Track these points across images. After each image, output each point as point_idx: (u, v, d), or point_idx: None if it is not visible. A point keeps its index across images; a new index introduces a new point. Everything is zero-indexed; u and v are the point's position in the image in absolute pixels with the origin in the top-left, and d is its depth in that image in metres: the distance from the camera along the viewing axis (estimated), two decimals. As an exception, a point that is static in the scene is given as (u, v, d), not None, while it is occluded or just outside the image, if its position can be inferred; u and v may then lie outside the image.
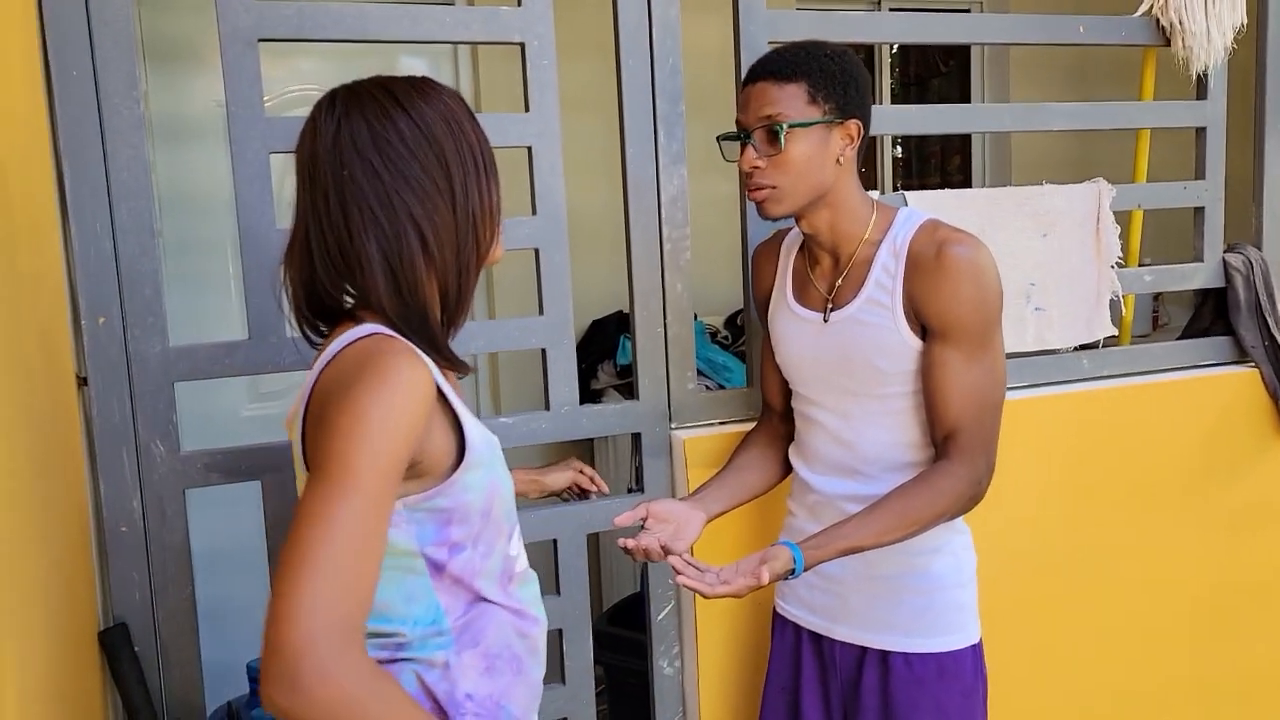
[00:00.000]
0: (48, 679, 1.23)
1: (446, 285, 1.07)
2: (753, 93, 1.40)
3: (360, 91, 1.07)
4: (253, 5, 1.51)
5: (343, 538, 0.87)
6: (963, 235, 1.39)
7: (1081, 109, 2.05)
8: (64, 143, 1.45)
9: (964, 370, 1.38)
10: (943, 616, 1.48)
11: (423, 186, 1.03)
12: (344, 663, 0.84)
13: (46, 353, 1.36)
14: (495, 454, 1.12)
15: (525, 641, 1.16)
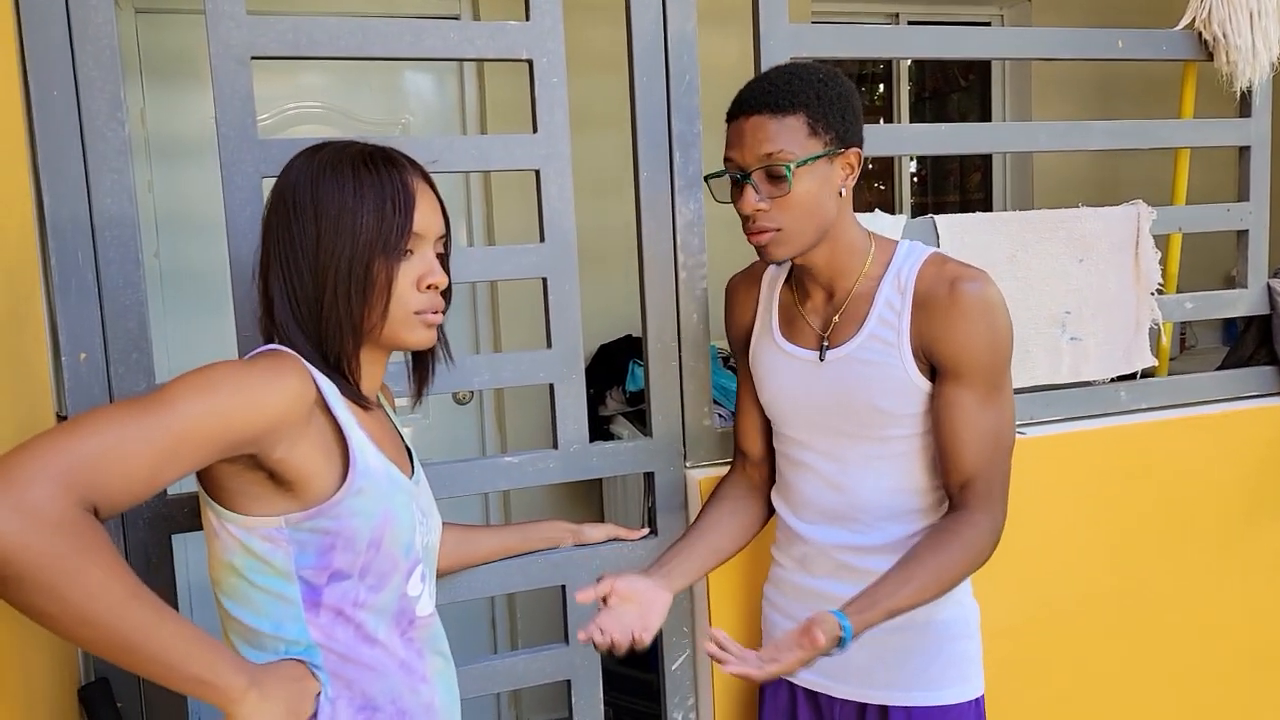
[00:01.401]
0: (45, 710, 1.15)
1: (319, 336, 1.09)
2: (747, 128, 1.27)
3: (304, 153, 1.13)
4: (245, 20, 1.42)
5: (117, 429, 0.88)
6: (974, 271, 1.31)
7: (1119, 127, 1.95)
8: (44, 167, 1.36)
9: (979, 413, 1.30)
10: (949, 669, 1.40)
11: (292, 251, 1.08)
12: (56, 500, 0.83)
13: (24, 391, 1.28)
14: (397, 489, 1.11)
15: (416, 697, 1.13)
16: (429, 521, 1.20)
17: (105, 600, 0.85)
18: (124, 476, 0.88)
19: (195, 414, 0.93)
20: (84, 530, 0.84)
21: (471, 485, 1.60)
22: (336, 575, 1.06)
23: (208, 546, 1.08)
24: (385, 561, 1.08)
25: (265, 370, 1.01)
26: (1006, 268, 1.86)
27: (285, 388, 1.00)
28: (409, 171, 1.13)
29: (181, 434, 0.92)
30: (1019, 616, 1.89)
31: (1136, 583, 1.95)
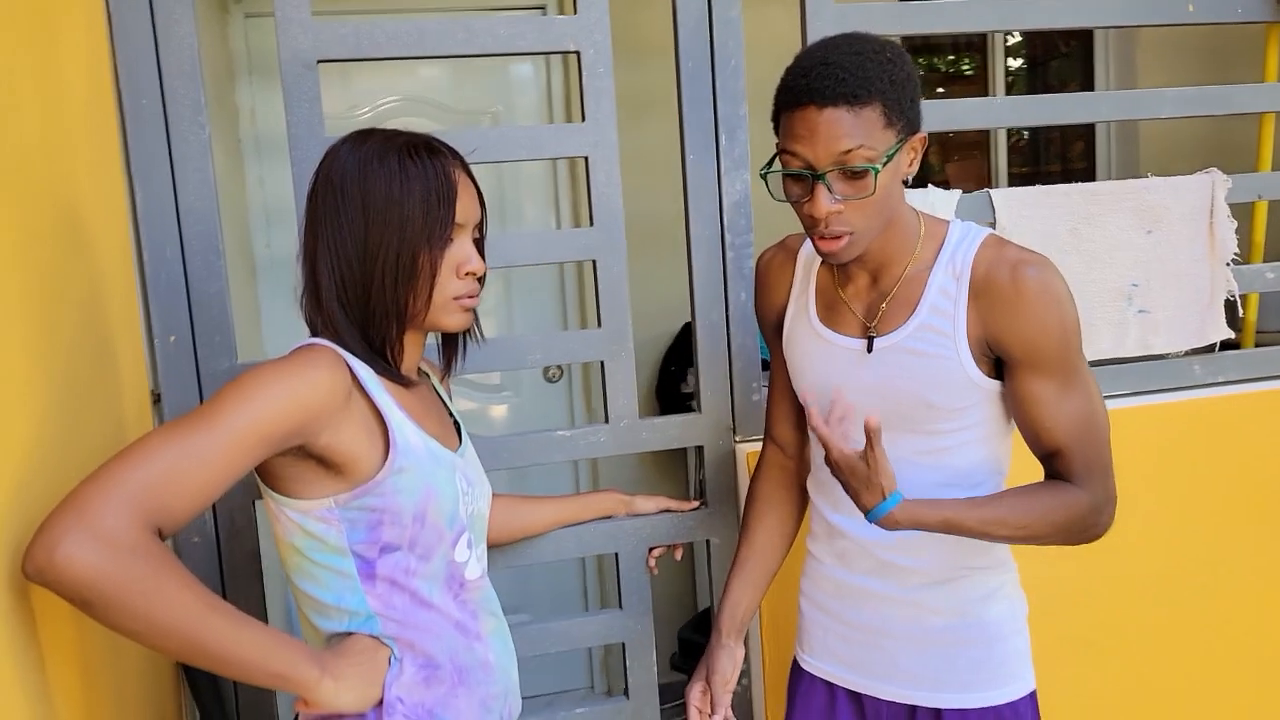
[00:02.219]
0: (133, 687, 1.30)
1: (362, 325, 1.15)
2: (819, 121, 1.12)
3: (353, 142, 1.18)
4: (310, 26, 1.53)
5: (172, 452, 0.96)
6: (1034, 255, 1.23)
7: (1194, 94, 1.88)
8: (135, 168, 1.51)
9: (1062, 400, 1.23)
10: (1002, 667, 1.33)
11: (340, 240, 1.14)
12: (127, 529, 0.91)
13: (124, 371, 1.43)
14: (439, 464, 1.17)
15: (472, 655, 1.20)
16: (474, 491, 1.25)
17: (183, 615, 0.94)
18: (184, 496, 0.97)
19: (241, 425, 1.00)
20: (155, 553, 0.93)
21: (528, 457, 1.70)
22: (387, 548, 1.13)
23: (272, 530, 1.17)
24: (431, 533, 1.15)
25: (299, 367, 1.07)
26: (1069, 241, 1.84)
27: (319, 380, 1.07)
28: (450, 162, 1.18)
29: (230, 447, 0.99)
30: (1081, 594, 1.87)
31: (1206, 563, 1.90)
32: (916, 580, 1.33)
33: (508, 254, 1.65)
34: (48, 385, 1.05)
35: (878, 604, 1.35)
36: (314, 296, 1.17)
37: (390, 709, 1.11)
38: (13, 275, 1.00)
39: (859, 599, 1.37)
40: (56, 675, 1.01)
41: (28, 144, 1.09)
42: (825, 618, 1.42)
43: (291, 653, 1.03)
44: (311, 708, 1.07)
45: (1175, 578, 1.90)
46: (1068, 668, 1.88)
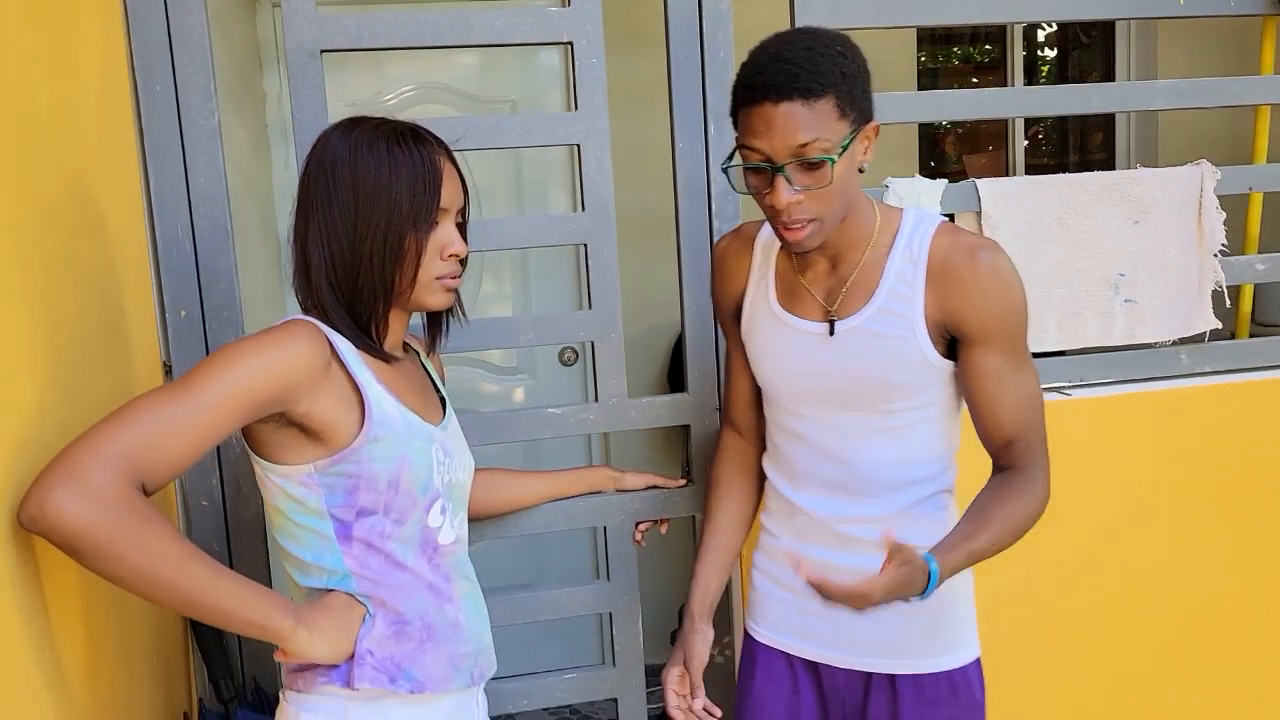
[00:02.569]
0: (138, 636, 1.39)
1: (349, 303, 1.23)
2: (776, 115, 1.18)
3: (343, 129, 1.24)
4: (315, 17, 1.61)
5: (157, 415, 1.04)
6: (987, 240, 1.32)
7: (1186, 86, 1.91)
8: (149, 153, 1.60)
9: (1013, 377, 1.30)
10: (952, 634, 1.41)
11: (331, 222, 1.20)
12: (112, 485, 0.98)
13: (136, 342, 1.52)
14: (414, 434, 1.23)
15: (442, 615, 1.26)
16: (452, 462, 1.31)
17: (166, 563, 1.01)
18: (167, 455, 1.04)
19: (221, 391, 1.08)
20: (139, 507, 1.00)
21: (520, 433, 1.77)
22: (363, 512, 1.20)
23: (261, 494, 1.25)
24: (405, 498, 1.21)
25: (278, 339, 1.14)
26: (1056, 230, 1.87)
27: (297, 352, 1.13)
28: (435, 149, 1.25)
29: (210, 410, 1.07)
30: (1066, 580, 1.91)
31: (1191, 550, 1.93)
32: (874, 551, 1.34)
33: (502, 237, 1.73)
34: (53, 353, 1.14)
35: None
36: (304, 276, 1.24)
37: (360, 660, 1.19)
38: (22, 251, 1.09)
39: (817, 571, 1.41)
40: (60, 621, 1.10)
41: (39, 126, 1.18)
42: (781, 591, 1.48)
43: (268, 603, 1.11)
44: (289, 657, 1.15)
45: (1160, 564, 1.93)
46: (1052, 653, 1.92)
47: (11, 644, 0.96)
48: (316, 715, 1.20)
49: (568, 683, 1.83)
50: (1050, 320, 1.88)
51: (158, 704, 1.47)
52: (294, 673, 1.22)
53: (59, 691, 1.06)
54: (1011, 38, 3.45)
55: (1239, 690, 1.99)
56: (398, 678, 1.21)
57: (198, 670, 1.69)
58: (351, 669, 1.19)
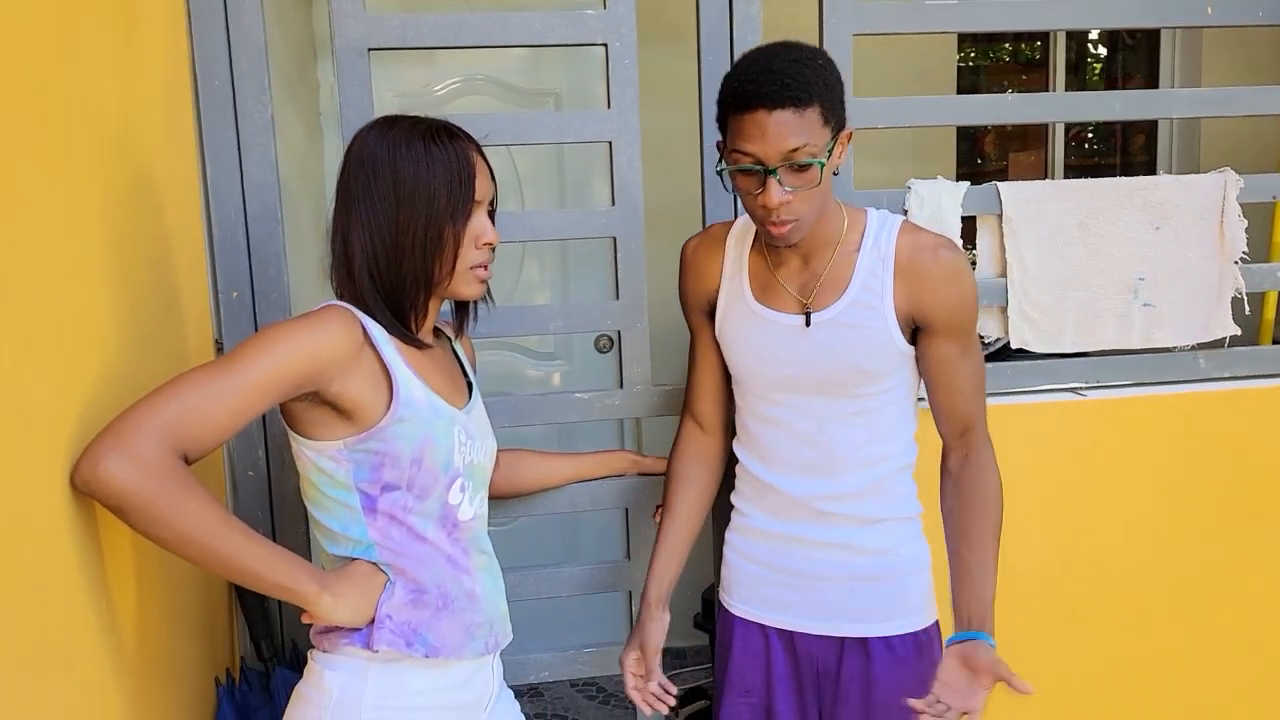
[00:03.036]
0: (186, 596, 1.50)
1: (388, 294, 1.31)
2: (769, 123, 1.29)
3: (380, 127, 1.33)
4: (363, 17, 1.70)
5: (200, 390, 1.13)
6: (945, 239, 1.46)
7: (1204, 95, 1.93)
8: (207, 143, 1.70)
9: (964, 362, 1.47)
10: (916, 599, 1.54)
11: (373, 216, 1.29)
12: (156, 453, 1.07)
13: (191, 320, 1.63)
14: (438, 416, 1.31)
15: (459, 585, 1.34)
16: (474, 444, 1.39)
17: (203, 527, 1.10)
18: (207, 428, 1.13)
19: (259, 369, 1.16)
20: (180, 474, 1.09)
21: (548, 416, 1.85)
22: (388, 487, 1.28)
23: (296, 466, 1.34)
24: (427, 476, 1.29)
25: (315, 323, 1.22)
26: (1076, 234, 1.90)
27: (331, 335, 1.22)
28: (467, 145, 1.34)
29: (250, 387, 1.15)
30: (1077, 580, 1.95)
31: (1204, 555, 1.95)
32: (847, 524, 1.51)
33: (535, 229, 1.81)
34: (117, 329, 1.25)
35: (809, 549, 1.52)
36: (345, 269, 1.32)
37: (380, 624, 1.28)
38: (96, 231, 1.19)
39: (790, 546, 1.55)
40: (114, 579, 1.20)
41: (108, 119, 1.28)
42: (756, 567, 1.59)
43: (295, 568, 1.20)
44: (314, 620, 1.25)
45: (1173, 567, 1.96)
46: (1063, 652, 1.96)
47: (72, 597, 1.07)
48: (339, 674, 1.29)
49: (588, 656, 1.92)
50: (1068, 322, 1.92)
51: (201, 660, 1.58)
52: (320, 634, 1.31)
53: (112, 643, 1.17)
54: (1054, 37, 3.46)
55: (1252, 694, 2.02)
56: (414, 642, 1.29)
57: (240, 630, 1.80)
58: (371, 632, 1.28)
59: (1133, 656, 1.98)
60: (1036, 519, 1.92)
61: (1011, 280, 1.90)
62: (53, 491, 1.03)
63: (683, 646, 3.37)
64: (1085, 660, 1.97)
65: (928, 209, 1.86)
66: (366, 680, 1.29)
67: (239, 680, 1.69)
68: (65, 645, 1.04)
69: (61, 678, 1.03)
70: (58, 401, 1.06)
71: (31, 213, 1.02)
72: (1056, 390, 1.95)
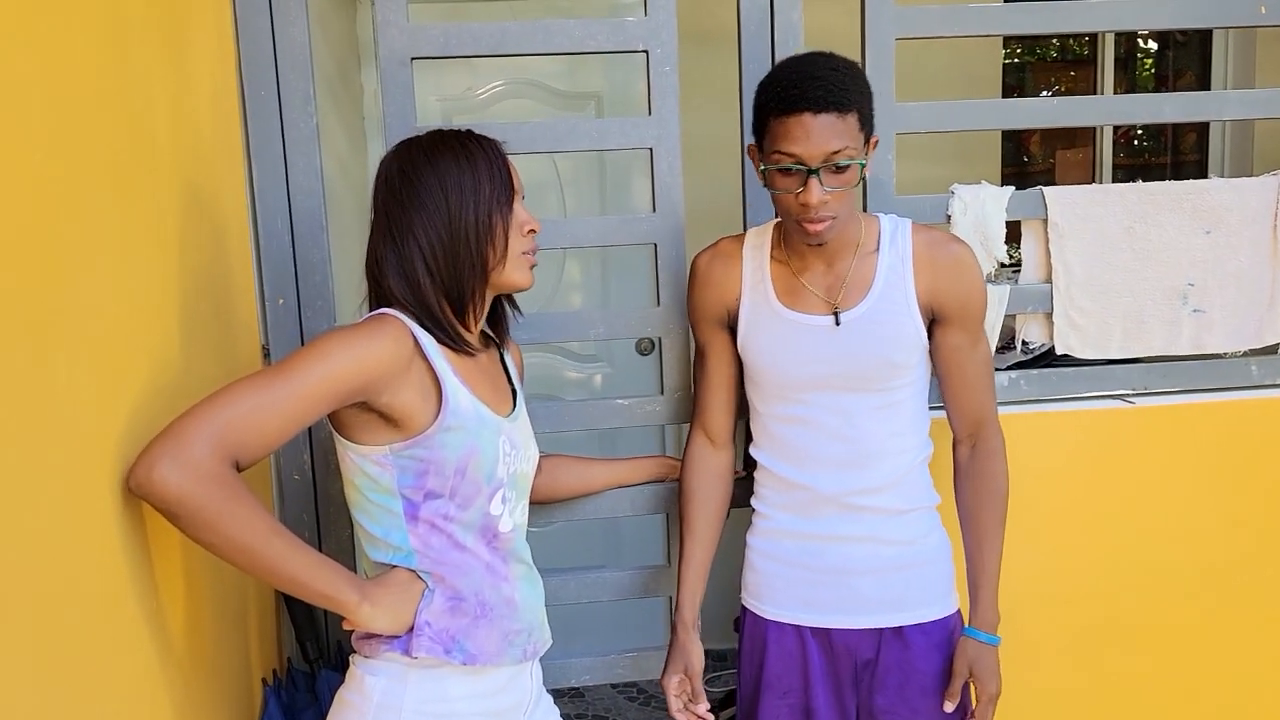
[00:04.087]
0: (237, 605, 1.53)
1: (449, 287, 1.34)
2: (814, 126, 1.36)
3: (407, 143, 1.38)
4: (406, 27, 1.72)
5: (253, 398, 1.15)
6: (953, 235, 1.61)
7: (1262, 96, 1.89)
8: (254, 152, 1.73)
9: (974, 351, 1.56)
10: (944, 586, 1.61)
11: (426, 215, 1.32)
12: (209, 460, 1.09)
13: (239, 327, 1.66)
14: (484, 426, 1.33)
15: (498, 593, 1.36)
16: (518, 453, 1.40)
17: (251, 534, 1.12)
18: (260, 435, 1.15)
19: (312, 380, 1.18)
20: (231, 481, 1.11)
21: (589, 422, 1.86)
22: (431, 494, 1.29)
23: (341, 469, 1.36)
24: (470, 485, 1.31)
25: (368, 334, 1.24)
26: (1123, 240, 1.87)
27: (383, 347, 1.24)
28: (495, 143, 1.39)
29: (302, 397, 1.17)
30: (1123, 589, 1.92)
31: (1249, 561, 1.92)
32: (876, 517, 1.55)
33: (576, 236, 1.82)
34: (165, 336, 1.27)
35: (840, 544, 1.56)
36: (400, 274, 1.33)
37: (419, 631, 1.29)
38: (146, 240, 1.22)
39: (821, 544, 1.58)
40: (164, 580, 1.22)
41: (157, 129, 1.31)
42: (786, 569, 1.61)
43: (336, 577, 1.22)
44: (355, 627, 1.27)
45: (1219, 575, 1.93)
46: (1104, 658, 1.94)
47: (121, 597, 1.09)
48: (379, 679, 1.31)
49: (629, 661, 1.92)
50: (1115, 328, 1.89)
51: (249, 660, 1.61)
52: (361, 640, 1.33)
53: (160, 643, 1.19)
54: (1102, 34, 3.40)
55: None
56: (452, 649, 1.31)
57: (287, 632, 1.83)
58: (411, 639, 1.29)
59: (1184, 669, 1.95)
60: (1085, 529, 1.90)
61: (1057, 286, 1.87)
62: (102, 495, 1.05)
63: (722, 649, 3.36)
64: (1136, 672, 1.95)
65: (971, 214, 1.84)
66: (406, 686, 1.31)
67: (286, 681, 1.72)
68: (114, 645, 1.06)
69: (111, 677, 1.05)
70: (108, 407, 1.08)
71: (84, 223, 1.04)
72: (1105, 397, 1.92)
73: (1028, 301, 1.89)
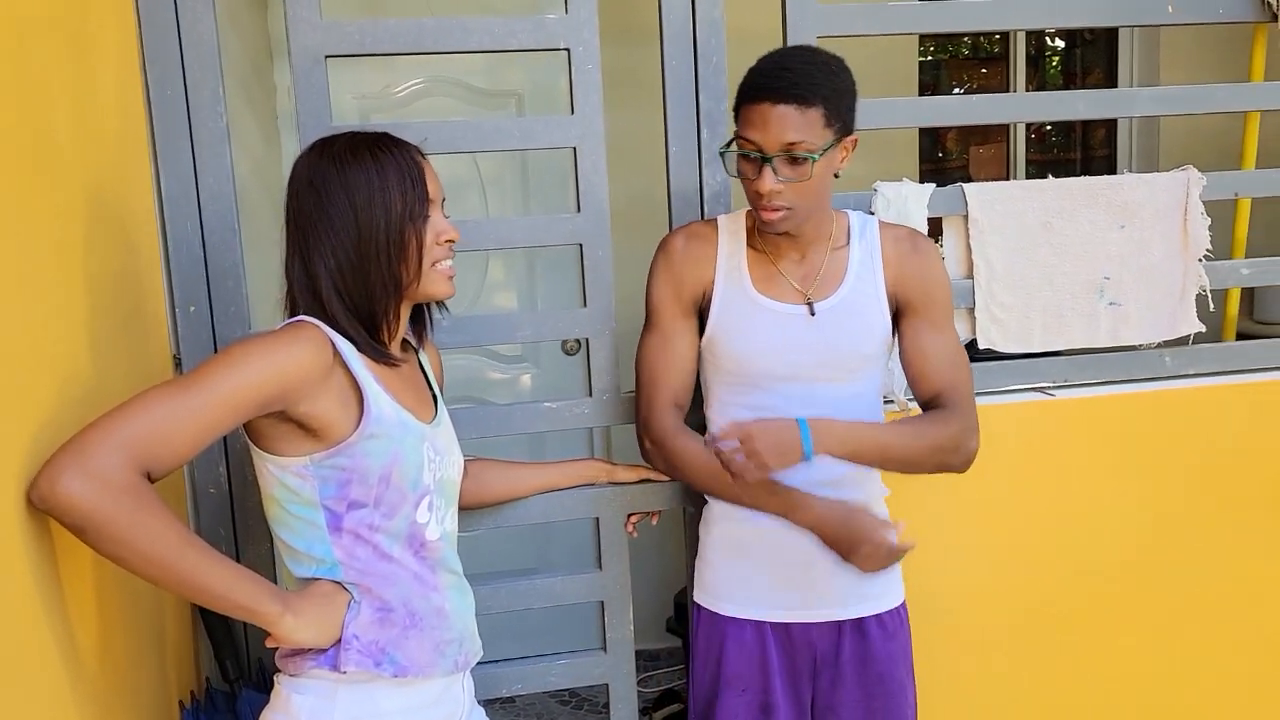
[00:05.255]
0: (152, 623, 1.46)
1: (359, 307, 1.28)
2: (772, 115, 1.38)
3: (319, 148, 1.32)
4: (319, 24, 1.67)
5: (164, 407, 1.10)
6: (916, 230, 1.64)
7: (1173, 92, 1.94)
8: (160, 154, 1.66)
9: (938, 336, 1.56)
10: (894, 573, 1.63)
11: (335, 234, 1.27)
12: (118, 471, 1.04)
13: (148, 336, 1.59)
14: (407, 433, 1.29)
15: (427, 602, 1.32)
16: (442, 459, 1.37)
17: (164, 546, 1.07)
18: (172, 446, 1.10)
19: (226, 389, 1.13)
20: (142, 493, 1.06)
21: (515, 427, 1.83)
22: (354, 504, 1.26)
23: (258, 482, 1.31)
24: (394, 493, 1.27)
25: (286, 341, 1.19)
26: (1041, 234, 1.91)
27: (301, 354, 1.19)
28: (412, 149, 1.33)
29: (215, 406, 1.12)
30: (1047, 578, 1.96)
31: (1170, 549, 1.97)
32: None
33: (500, 237, 1.78)
34: (70, 347, 1.21)
35: (797, 538, 1.54)
36: (310, 291, 1.29)
37: (346, 645, 1.25)
38: (47, 247, 1.15)
39: (778, 537, 1.56)
40: (74, 599, 1.16)
41: (57, 130, 1.24)
42: (744, 564, 1.61)
43: (256, 588, 1.17)
44: (279, 643, 1.22)
45: (1141, 564, 1.98)
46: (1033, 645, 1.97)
47: (28, 619, 1.03)
48: (306, 697, 1.26)
49: (561, 668, 1.89)
50: (1035, 322, 1.92)
51: (165, 681, 1.54)
52: (286, 657, 1.28)
53: (71, 665, 1.13)
54: (1014, 32, 3.47)
55: (1218, 689, 2.04)
56: (382, 661, 1.27)
57: (205, 650, 1.76)
58: (339, 653, 1.25)
59: (1104, 653, 1.99)
60: (1006, 519, 1.93)
61: (978, 281, 1.90)
62: (6, 511, 1.00)
63: (655, 649, 3.36)
64: (1055, 658, 1.99)
65: (894, 211, 1.85)
66: (335, 703, 1.26)
67: (205, 702, 1.65)
68: (20, 667, 1.00)
69: (18, 700, 0.99)
70: (10, 418, 1.02)
71: (-25, 235, 0.98)
72: (1025, 390, 1.96)
73: (951, 297, 1.91)
